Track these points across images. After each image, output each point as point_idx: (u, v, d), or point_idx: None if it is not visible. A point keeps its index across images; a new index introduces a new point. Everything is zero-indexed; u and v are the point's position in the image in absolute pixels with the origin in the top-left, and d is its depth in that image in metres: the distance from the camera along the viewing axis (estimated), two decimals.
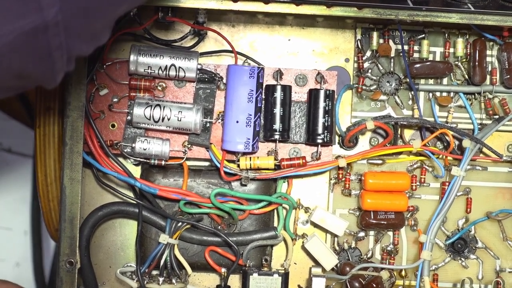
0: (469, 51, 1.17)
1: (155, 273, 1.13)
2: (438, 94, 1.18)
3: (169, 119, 1.11)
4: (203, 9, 1.10)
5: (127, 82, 1.13)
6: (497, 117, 1.18)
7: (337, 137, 1.17)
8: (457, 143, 1.17)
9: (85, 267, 1.12)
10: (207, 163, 1.17)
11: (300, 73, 1.14)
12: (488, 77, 1.17)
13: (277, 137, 1.12)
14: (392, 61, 1.17)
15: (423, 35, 1.17)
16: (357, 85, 1.17)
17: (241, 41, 1.17)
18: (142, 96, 1.13)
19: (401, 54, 1.16)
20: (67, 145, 1.06)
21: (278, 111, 1.12)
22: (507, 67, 1.16)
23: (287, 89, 1.12)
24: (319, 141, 1.13)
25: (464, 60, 1.18)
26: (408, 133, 1.18)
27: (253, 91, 1.10)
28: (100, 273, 1.17)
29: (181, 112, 1.11)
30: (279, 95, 1.12)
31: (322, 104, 1.12)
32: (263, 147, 1.14)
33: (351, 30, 1.17)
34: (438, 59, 1.18)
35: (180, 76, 1.12)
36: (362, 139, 1.18)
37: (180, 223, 1.12)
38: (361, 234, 1.18)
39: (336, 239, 1.18)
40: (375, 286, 1.15)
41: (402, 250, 1.19)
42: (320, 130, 1.12)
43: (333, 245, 1.18)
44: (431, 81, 1.18)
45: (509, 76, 1.16)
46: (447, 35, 1.17)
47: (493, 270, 1.20)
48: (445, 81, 1.18)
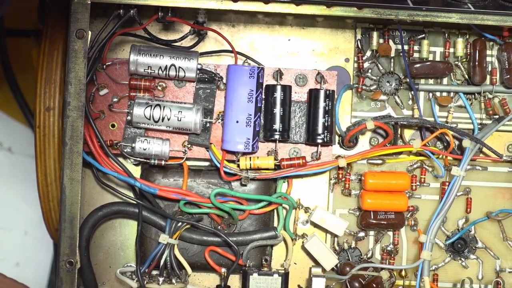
0: (469, 51, 1.17)
1: (155, 273, 1.13)
2: (438, 94, 1.18)
3: (169, 119, 1.11)
4: (203, 9, 1.10)
5: (127, 82, 1.13)
6: (497, 117, 1.18)
7: (337, 137, 1.17)
8: (457, 143, 1.17)
9: (85, 267, 1.12)
10: (207, 163, 1.17)
11: (300, 73, 1.14)
12: (488, 77, 1.17)
13: (277, 137, 1.12)
14: (392, 61, 1.17)
15: (423, 35, 1.17)
16: (357, 85, 1.17)
17: (241, 41, 1.16)
18: (142, 96, 1.13)
19: (401, 54, 1.16)
20: (67, 145, 1.05)
21: (278, 111, 1.12)
22: (507, 67, 1.15)
23: (287, 89, 1.12)
24: (319, 141, 1.13)
25: (464, 60, 1.18)
26: (408, 133, 1.18)
27: (253, 91, 1.10)
28: (100, 273, 1.17)
29: (181, 112, 1.11)
30: (279, 95, 1.12)
31: (322, 104, 1.12)
32: (263, 147, 1.14)
33: (351, 30, 1.17)
34: (438, 59, 1.18)
35: (180, 76, 1.12)
36: (362, 139, 1.18)
37: (180, 223, 1.12)
38: (361, 234, 1.18)
39: (336, 239, 1.18)
40: (375, 286, 1.15)
41: (402, 250, 1.19)
42: (320, 130, 1.12)
43: (333, 245, 1.18)
44: (431, 81, 1.18)
45: (509, 76, 1.16)
46: (447, 35, 1.17)
47: (493, 270, 1.20)
48: (445, 81, 1.18)
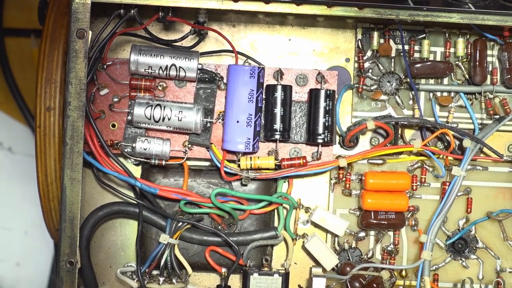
0: (469, 51, 1.17)
1: (155, 273, 1.13)
2: (438, 94, 1.18)
3: (169, 119, 1.11)
4: (204, 9, 1.10)
5: (127, 82, 1.13)
6: (497, 117, 1.18)
7: (337, 137, 1.17)
8: (457, 143, 1.17)
9: (85, 267, 1.12)
10: (207, 163, 1.17)
11: (300, 73, 1.14)
12: (488, 77, 1.17)
13: (277, 137, 1.12)
14: (392, 61, 1.17)
15: (424, 35, 1.17)
16: (357, 85, 1.17)
17: (241, 41, 1.16)
18: (142, 96, 1.12)
19: (402, 54, 1.16)
20: (67, 145, 1.05)
21: (278, 111, 1.12)
22: (508, 67, 1.15)
23: (287, 89, 1.12)
24: (320, 141, 1.13)
25: (464, 60, 1.18)
26: (408, 133, 1.18)
27: (253, 91, 1.10)
28: (100, 273, 1.17)
29: (182, 112, 1.11)
30: (279, 95, 1.12)
31: (322, 104, 1.12)
32: (263, 147, 1.14)
33: (352, 30, 1.17)
34: (438, 59, 1.18)
35: (180, 76, 1.12)
36: (362, 139, 1.18)
37: (180, 223, 1.12)
38: (362, 234, 1.18)
39: (336, 239, 1.18)
40: (375, 286, 1.15)
41: (402, 250, 1.19)
42: (320, 130, 1.12)
43: (333, 245, 1.18)
44: (432, 81, 1.18)
45: (509, 76, 1.16)
46: (447, 35, 1.17)
47: (493, 270, 1.20)
48: (446, 81, 1.18)
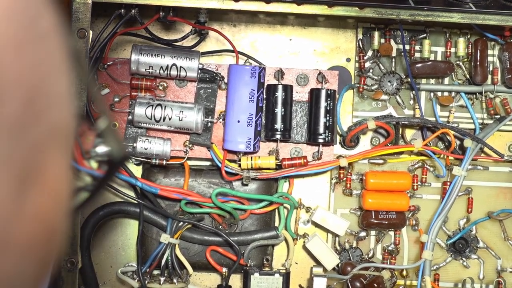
0: (470, 51, 1.17)
1: (156, 272, 1.13)
2: (439, 93, 1.18)
3: (170, 119, 1.11)
4: (205, 9, 1.10)
5: (128, 81, 1.13)
6: (498, 116, 1.17)
7: (338, 137, 1.17)
8: (458, 143, 1.17)
9: (86, 266, 1.12)
10: (208, 163, 1.17)
11: (301, 72, 1.14)
12: (489, 76, 1.17)
13: (278, 136, 1.12)
14: (393, 60, 1.17)
15: (425, 35, 1.17)
16: (358, 85, 1.17)
17: (242, 40, 1.16)
18: (143, 95, 1.12)
19: (403, 53, 1.16)
20: None
21: (279, 110, 1.12)
22: (509, 66, 1.15)
23: (288, 89, 1.12)
24: (321, 140, 1.12)
25: (465, 59, 1.17)
26: (409, 133, 1.18)
27: (254, 90, 1.10)
28: (101, 272, 1.17)
29: (182, 111, 1.11)
30: (280, 94, 1.12)
31: (323, 103, 1.12)
32: (264, 146, 1.14)
33: (353, 29, 1.17)
34: (439, 58, 1.17)
35: (181, 75, 1.12)
36: (363, 138, 1.18)
37: (181, 223, 1.12)
38: (362, 234, 1.18)
39: (337, 239, 1.18)
40: (376, 286, 1.15)
41: (403, 250, 1.19)
42: (321, 129, 1.12)
43: (334, 245, 1.18)
44: (433, 81, 1.18)
45: (510, 75, 1.16)
46: (448, 34, 1.17)
47: (494, 270, 1.20)
48: (447, 80, 1.18)
